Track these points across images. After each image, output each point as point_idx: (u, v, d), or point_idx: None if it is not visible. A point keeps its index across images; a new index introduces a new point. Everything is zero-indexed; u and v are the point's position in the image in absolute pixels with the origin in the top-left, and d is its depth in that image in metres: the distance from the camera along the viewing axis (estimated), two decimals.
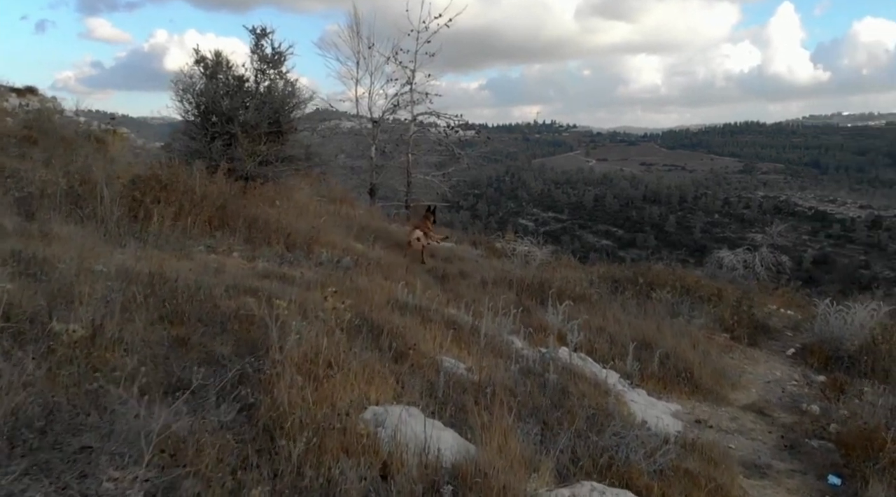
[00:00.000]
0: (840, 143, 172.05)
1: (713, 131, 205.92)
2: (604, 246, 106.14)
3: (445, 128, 17.67)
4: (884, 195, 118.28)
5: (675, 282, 8.55)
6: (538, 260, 10.97)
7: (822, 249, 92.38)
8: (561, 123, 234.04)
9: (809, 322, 8.54)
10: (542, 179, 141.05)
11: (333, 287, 5.35)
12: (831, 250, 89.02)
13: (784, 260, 18.77)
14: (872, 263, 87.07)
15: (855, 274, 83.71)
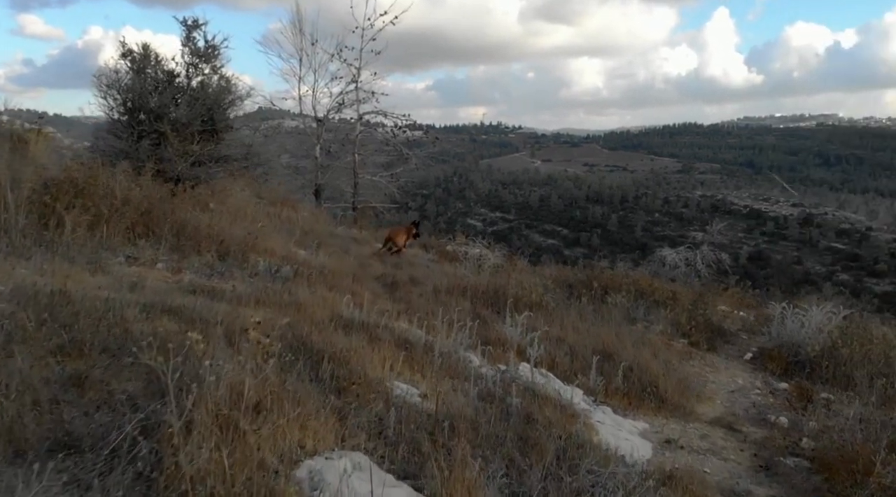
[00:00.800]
0: (773, 143, 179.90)
1: (653, 133, 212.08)
2: (550, 245, 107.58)
3: (393, 128, 17.24)
4: (814, 193, 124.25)
5: (629, 285, 8.38)
6: (491, 263, 10.62)
7: (758, 246, 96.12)
8: (507, 125, 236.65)
9: (764, 324, 8.48)
10: (489, 180, 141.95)
11: (268, 305, 4.83)
12: (766, 247, 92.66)
13: (724, 258, 19.19)
14: (805, 259, 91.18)
15: (788, 270, 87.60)
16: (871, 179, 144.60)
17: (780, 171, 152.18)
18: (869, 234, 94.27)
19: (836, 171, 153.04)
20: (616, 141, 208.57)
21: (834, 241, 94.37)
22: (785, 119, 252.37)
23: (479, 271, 10.39)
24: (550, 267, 13.80)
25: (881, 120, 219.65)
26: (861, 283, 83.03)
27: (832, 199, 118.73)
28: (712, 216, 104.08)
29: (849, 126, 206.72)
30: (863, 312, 7.47)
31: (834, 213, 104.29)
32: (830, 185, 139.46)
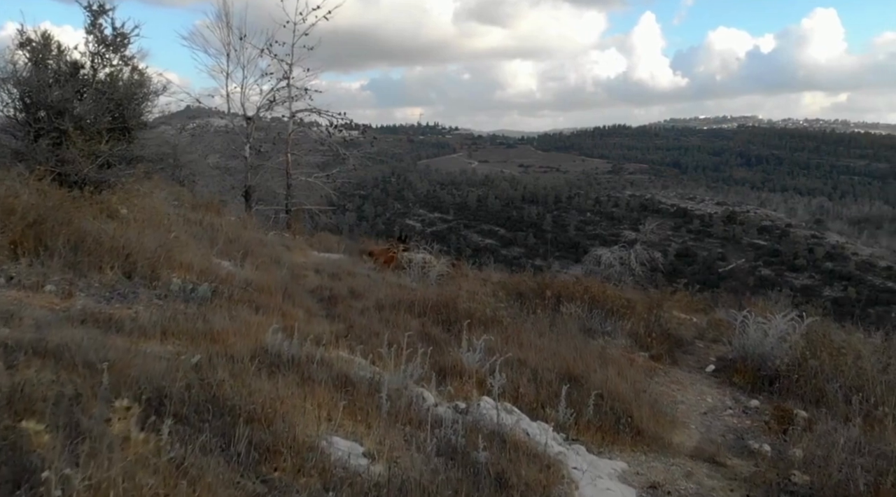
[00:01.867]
0: (698, 144, 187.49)
1: (584, 134, 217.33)
2: (488, 245, 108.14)
3: (328, 127, 16.36)
4: (737, 192, 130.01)
5: (582, 293, 7.95)
6: (436, 270, 10.10)
7: (685, 243, 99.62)
8: (444, 126, 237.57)
9: (717, 330, 8.19)
10: (427, 180, 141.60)
11: (177, 336, 4.01)
12: (692, 244, 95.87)
13: (657, 256, 19.35)
14: (728, 255, 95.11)
15: (714, 265, 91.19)
16: (790, 178, 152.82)
17: (704, 171, 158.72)
18: (788, 230, 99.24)
19: (757, 171, 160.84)
20: (549, 142, 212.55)
21: (756, 237, 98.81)
22: (708, 121, 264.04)
23: (425, 280, 9.81)
24: (497, 272, 13.28)
25: (798, 121, 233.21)
26: (782, 277, 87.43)
27: (754, 198, 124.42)
28: (641, 215, 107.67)
29: (768, 127, 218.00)
30: (822, 318, 7.26)
31: (755, 210, 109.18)
32: (752, 184, 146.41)
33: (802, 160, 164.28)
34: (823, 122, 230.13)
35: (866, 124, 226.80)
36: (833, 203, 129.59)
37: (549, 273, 11.52)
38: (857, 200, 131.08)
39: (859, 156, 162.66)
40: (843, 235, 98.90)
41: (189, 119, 18.15)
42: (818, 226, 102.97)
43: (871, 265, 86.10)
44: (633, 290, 13.04)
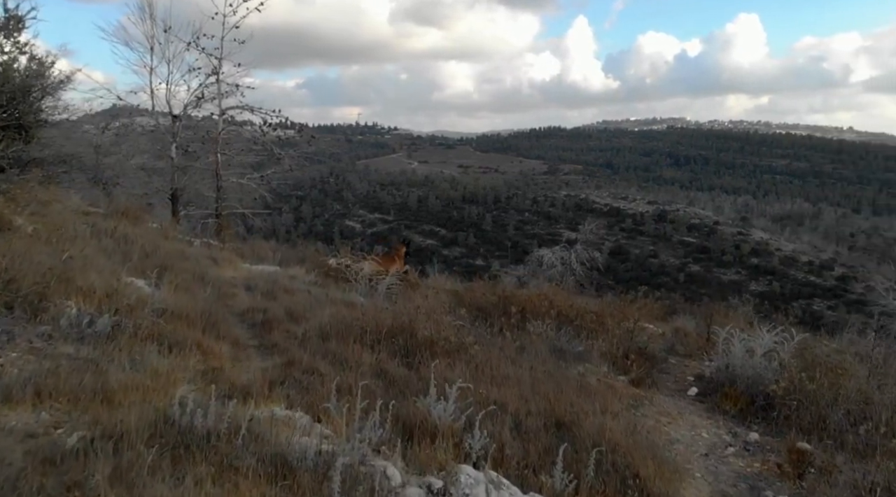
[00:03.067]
0: (629, 145, 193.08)
1: (521, 135, 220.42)
2: (429, 245, 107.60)
3: (261, 125, 15.19)
4: (667, 192, 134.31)
5: (548, 309, 7.29)
6: (386, 282, 9.18)
7: (618, 242, 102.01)
8: (383, 126, 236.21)
9: (683, 342, 7.69)
10: (367, 181, 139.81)
11: (56, 398, 3.00)
12: (625, 242, 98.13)
13: (596, 256, 19.24)
14: (660, 253, 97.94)
15: (646, 263, 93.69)
16: (717, 178, 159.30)
17: (635, 171, 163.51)
18: (716, 227, 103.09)
19: (686, 171, 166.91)
20: (488, 143, 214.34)
21: (685, 235, 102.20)
22: (639, 122, 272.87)
23: (373, 295, 8.90)
24: (447, 278, 12.46)
25: (724, 123, 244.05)
26: (710, 272, 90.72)
27: (683, 197, 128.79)
28: (577, 214, 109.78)
29: (696, 129, 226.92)
30: (811, 333, 6.82)
31: (685, 209, 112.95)
32: (681, 184, 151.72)
33: (728, 160, 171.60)
34: (747, 123, 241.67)
35: (787, 125, 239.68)
36: (757, 201, 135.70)
37: (505, 282, 10.72)
38: (779, 198, 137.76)
39: (781, 156, 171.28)
40: (767, 232, 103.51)
41: (113, 118, 16.69)
42: (744, 223, 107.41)
43: (794, 260, 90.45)
44: (590, 297, 12.50)
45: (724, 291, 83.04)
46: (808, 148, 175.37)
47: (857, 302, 77.93)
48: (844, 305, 77.35)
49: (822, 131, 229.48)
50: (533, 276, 17.37)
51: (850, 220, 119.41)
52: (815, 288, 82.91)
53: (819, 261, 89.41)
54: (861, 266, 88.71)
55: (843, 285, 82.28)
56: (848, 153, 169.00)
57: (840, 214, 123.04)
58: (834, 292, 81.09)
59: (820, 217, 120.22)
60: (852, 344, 8.24)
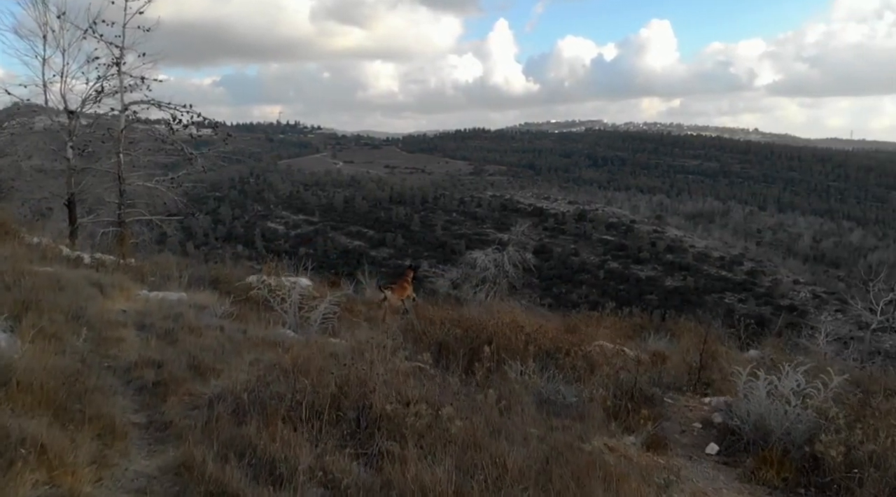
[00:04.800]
0: (550, 147, 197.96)
1: (447, 137, 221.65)
2: (357, 247, 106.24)
3: (169, 122, 14.14)
4: (586, 192, 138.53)
5: (526, 344, 6.29)
6: (321, 312, 7.63)
7: (541, 241, 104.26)
8: (305, 125, 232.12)
9: (663, 369, 6.92)
10: (289, 181, 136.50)
11: None
12: (548, 241, 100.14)
13: (528, 257, 19.35)
14: (581, 251, 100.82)
15: (567, 261, 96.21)
16: (633, 178, 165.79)
17: (556, 172, 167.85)
18: (633, 226, 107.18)
19: (604, 171, 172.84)
20: (414, 144, 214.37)
21: (604, 233, 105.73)
22: (559, 124, 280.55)
23: (306, 328, 7.50)
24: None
25: (639, 125, 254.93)
26: (628, 269, 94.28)
27: (601, 197, 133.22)
28: (502, 214, 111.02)
29: (612, 131, 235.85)
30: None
31: (603, 208, 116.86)
32: (599, 184, 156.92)
33: (643, 161, 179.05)
34: (661, 125, 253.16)
35: (698, 127, 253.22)
36: (671, 200, 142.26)
37: (438, 285, 10.09)
38: (691, 197, 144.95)
39: (692, 156, 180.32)
40: (680, 229, 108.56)
41: (9, 117, 15.18)
42: (659, 221, 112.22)
43: (706, 256, 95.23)
44: (552, 314, 11.75)
45: (641, 287, 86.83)
46: (718, 149, 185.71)
47: (765, 295, 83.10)
48: (754, 298, 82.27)
49: (730, 133, 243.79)
50: (466, 279, 17.21)
51: (757, 217, 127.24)
52: (726, 282, 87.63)
53: (729, 256, 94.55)
54: (768, 260, 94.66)
55: (752, 279, 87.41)
56: (754, 153, 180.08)
57: (748, 212, 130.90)
58: (744, 286, 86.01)
59: (729, 214, 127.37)
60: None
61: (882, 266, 61.96)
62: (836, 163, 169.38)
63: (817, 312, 75.78)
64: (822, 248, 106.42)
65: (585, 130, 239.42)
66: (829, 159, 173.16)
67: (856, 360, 10.81)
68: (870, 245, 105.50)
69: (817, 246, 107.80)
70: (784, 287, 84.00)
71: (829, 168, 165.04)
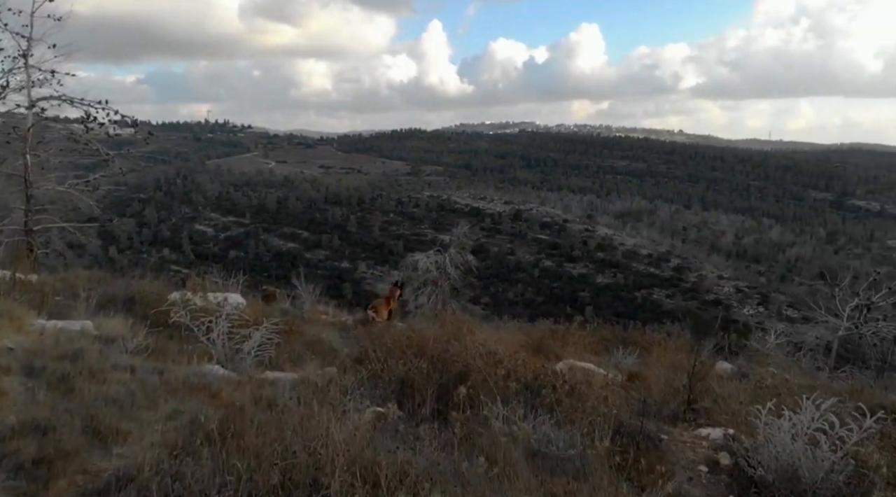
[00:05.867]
0: (485, 148, 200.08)
1: (383, 137, 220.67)
2: (291, 249, 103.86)
3: (84, 120, 13.11)
4: (521, 192, 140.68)
5: (505, 378, 5.18)
6: (256, 342, 6.60)
7: (478, 241, 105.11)
8: (235, 124, 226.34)
9: (643, 390, 6.31)
10: (219, 182, 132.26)
11: None
12: (485, 241, 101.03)
13: (470, 259, 19.24)
14: (516, 250, 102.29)
15: (504, 260, 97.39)
16: (565, 178, 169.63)
17: (492, 173, 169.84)
18: (566, 225, 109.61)
19: (537, 172, 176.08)
20: (349, 143, 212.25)
21: (539, 232, 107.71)
22: (494, 126, 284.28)
23: (238, 362, 6.40)
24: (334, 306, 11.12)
25: (569, 127, 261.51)
26: (562, 267, 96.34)
27: (535, 197, 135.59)
28: (440, 215, 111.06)
29: (545, 132, 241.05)
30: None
31: (538, 208, 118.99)
32: (533, 184, 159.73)
33: (574, 162, 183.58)
34: (590, 127, 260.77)
35: (625, 129, 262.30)
36: (601, 199, 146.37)
37: (379, 290, 9.61)
38: (620, 197, 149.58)
39: (621, 157, 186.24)
40: (610, 228, 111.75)
41: None
42: (590, 220, 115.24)
43: (635, 253, 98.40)
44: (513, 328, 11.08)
45: (573, 284, 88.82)
46: (645, 150, 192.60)
47: (691, 290, 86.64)
48: (681, 293, 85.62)
49: (656, 134, 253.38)
50: (407, 282, 16.87)
51: (683, 216, 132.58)
52: (654, 278, 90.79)
53: (657, 253, 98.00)
54: (693, 257, 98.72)
55: (678, 275, 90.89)
56: (679, 154, 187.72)
57: (673, 210, 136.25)
58: (671, 282, 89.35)
59: (656, 213, 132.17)
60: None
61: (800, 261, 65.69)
62: (755, 163, 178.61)
63: (740, 306, 79.78)
64: (744, 245, 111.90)
65: (519, 132, 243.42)
66: (750, 159, 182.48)
67: (825, 367, 10.78)
68: (788, 241, 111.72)
69: (739, 242, 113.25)
70: (709, 282, 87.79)
71: (749, 168, 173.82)
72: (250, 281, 11.93)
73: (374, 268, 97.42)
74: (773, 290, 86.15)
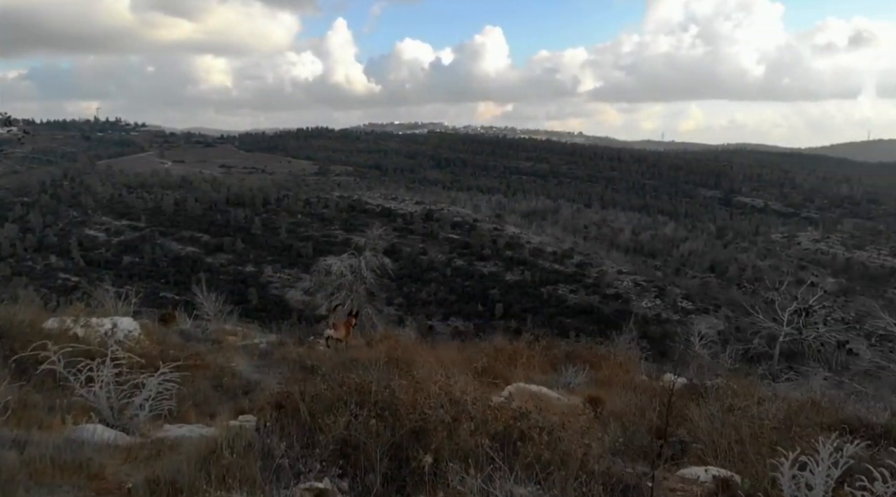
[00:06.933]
0: (395, 148, 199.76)
1: (288, 135, 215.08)
2: (190, 253, 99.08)
3: None
4: (432, 192, 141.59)
5: (473, 432, 4.36)
6: (151, 390, 5.33)
7: (391, 241, 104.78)
8: (128, 122, 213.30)
9: (618, 431, 5.49)
10: (110, 183, 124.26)
11: None
12: (397, 241, 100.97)
13: (386, 262, 18.99)
14: (429, 250, 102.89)
15: (417, 260, 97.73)
16: (474, 179, 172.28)
17: (403, 173, 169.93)
18: (476, 224, 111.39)
19: (447, 172, 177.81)
20: (252, 142, 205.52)
21: (450, 232, 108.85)
22: (403, 126, 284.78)
23: (127, 414, 5.23)
24: (246, 325, 10.40)
25: (477, 128, 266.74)
26: (473, 266, 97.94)
27: (446, 197, 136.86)
28: (351, 215, 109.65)
29: (453, 133, 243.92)
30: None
31: (448, 208, 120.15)
32: (443, 185, 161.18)
33: (482, 162, 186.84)
34: (496, 128, 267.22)
35: (529, 131, 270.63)
36: (508, 199, 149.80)
37: (289, 298, 9.18)
38: (526, 196, 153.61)
39: (526, 158, 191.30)
40: (517, 227, 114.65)
41: None
42: (498, 220, 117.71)
43: (541, 251, 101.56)
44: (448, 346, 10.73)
45: (484, 282, 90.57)
46: (548, 151, 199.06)
47: (593, 285, 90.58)
48: (584, 288, 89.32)
49: (557, 136, 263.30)
50: (320, 287, 16.41)
51: (584, 214, 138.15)
52: (559, 275, 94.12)
53: (561, 250, 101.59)
54: (594, 253, 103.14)
55: (581, 271, 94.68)
56: (579, 155, 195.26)
57: (575, 209, 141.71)
58: (574, 277, 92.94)
59: (559, 212, 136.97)
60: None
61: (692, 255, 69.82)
62: (650, 163, 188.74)
63: (639, 299, 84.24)
64: (641, 241, 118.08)
65: (428, 132, 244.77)
66: (645, 160, 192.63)
67: (767, 375, 10.97)
68: (681, 237, 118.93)
69: (636, 239, 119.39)
70: (609, 277, 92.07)
71: (644, 167, 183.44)
72: (147, 288, 11.24)
73: (282, 271, 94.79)
74: (668, 283, 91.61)
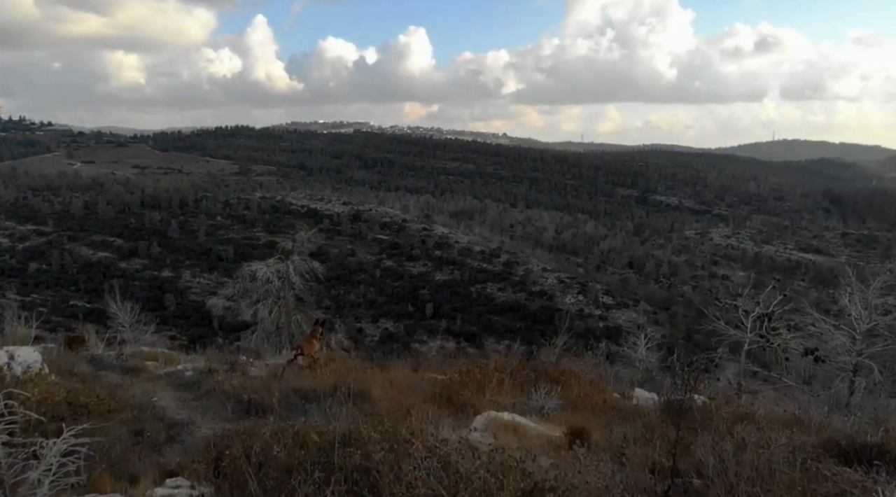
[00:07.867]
0: (320, 147, 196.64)
1: (206, 134, 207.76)
2: (102, 258, 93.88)
3: None
4: (359, 192, 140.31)
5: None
6: (53, 460, 4.01)
7: (318, 243, 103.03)
8: (33, 120, 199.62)
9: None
10: (14, 186, 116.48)
11: None
12: (325, 243, 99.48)
13: (316, 266, 18.42)
14: (357, 251, 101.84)
15: (345, 261, 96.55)
16: (401, 179, 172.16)
17: (328, 173, 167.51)
18: (405, 224, 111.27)
19: (374, 172, 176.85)
20: (168, 142, 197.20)
21: (379, 233, 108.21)
22: (328, 125, 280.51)
23: (20, 495, 3.98)
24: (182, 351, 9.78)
25: (403, 128, 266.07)
26: (402, 266, 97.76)
27: (373, 197, 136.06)
28: (274, 217, 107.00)
29: (380, 133, 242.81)
30: None
31: (377, 208, 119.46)
32: (371, 185, 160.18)
33: (410, 162, 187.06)
34: (423, 129, 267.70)
35: (455, 131, 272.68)
36: (436, 199, 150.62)
37: (210, 305, 8.75)
38: (453, 196, 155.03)
39: (452, 159, 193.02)
40: (446, 227, 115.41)
41: None
42: (427, 220, 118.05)
43: (470, 250, 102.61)
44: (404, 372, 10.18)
45: (414, 282, 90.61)
46: (474, 152, 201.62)
47: (520, 282, 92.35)
48: (511, 286, 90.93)
49: (482, 137, 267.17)
50: (245, 295, 15.69)
51: (510, 213, 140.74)
52: (487, 273, 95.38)
53: (489, 250, 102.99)
54: (520, 252, 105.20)
55: (508, 269, 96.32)
56: (504, 156, 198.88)
57: (501, 209, 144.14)
58: (502, 276, 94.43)
59: (486, 212, 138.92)
60: None
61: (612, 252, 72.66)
62: (571, 163, 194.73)
63: (563, 296, 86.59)
64: (563, 239, 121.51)
65: (354, 132, 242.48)
66: (566, 160, 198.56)
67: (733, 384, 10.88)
68: (601, 235, 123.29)
69: (559, 237, 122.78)
70: (535, 275, 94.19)
71: (565, 168, 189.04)
72: (56, 296, 10.53)
73: (201, 276, 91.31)
74: (590, 279, 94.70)
